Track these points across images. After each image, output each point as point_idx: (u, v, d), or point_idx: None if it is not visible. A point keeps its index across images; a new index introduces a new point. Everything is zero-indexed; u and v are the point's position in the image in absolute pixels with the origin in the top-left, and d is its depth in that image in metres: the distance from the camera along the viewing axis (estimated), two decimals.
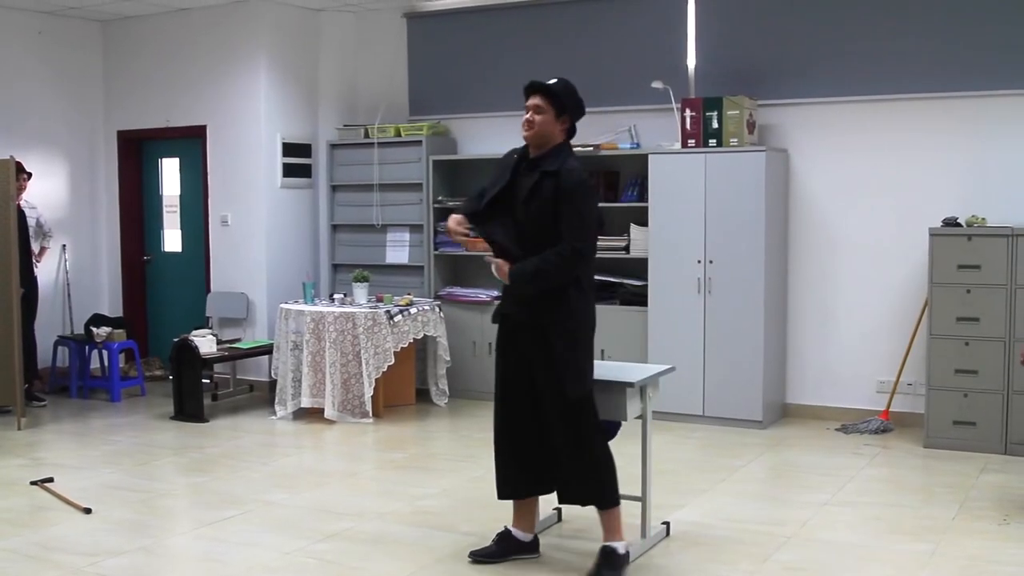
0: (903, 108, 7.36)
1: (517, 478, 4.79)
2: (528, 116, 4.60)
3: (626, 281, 7.86)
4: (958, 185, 7.20)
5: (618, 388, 4.72)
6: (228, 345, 8.57)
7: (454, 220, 4.72)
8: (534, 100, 4.60)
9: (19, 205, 8.26)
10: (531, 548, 4.88)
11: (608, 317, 7.18)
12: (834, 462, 6.57)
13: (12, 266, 7.57)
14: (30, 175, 8.43)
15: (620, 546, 4.64)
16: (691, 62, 7.91)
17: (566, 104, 4.60)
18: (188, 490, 6.18)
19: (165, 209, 9.85)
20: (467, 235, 4.75)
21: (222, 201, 9.13)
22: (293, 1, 8.83)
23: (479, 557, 4.80)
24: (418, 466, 6.67)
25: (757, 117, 7.59)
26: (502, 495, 4.84)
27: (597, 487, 4.62)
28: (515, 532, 4.86)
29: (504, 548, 4.83)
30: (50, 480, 6.17)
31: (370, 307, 7.96)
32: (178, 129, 9.35)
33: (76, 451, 7.12)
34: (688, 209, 7.48)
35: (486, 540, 4.90)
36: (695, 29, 7.89)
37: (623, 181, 8.04)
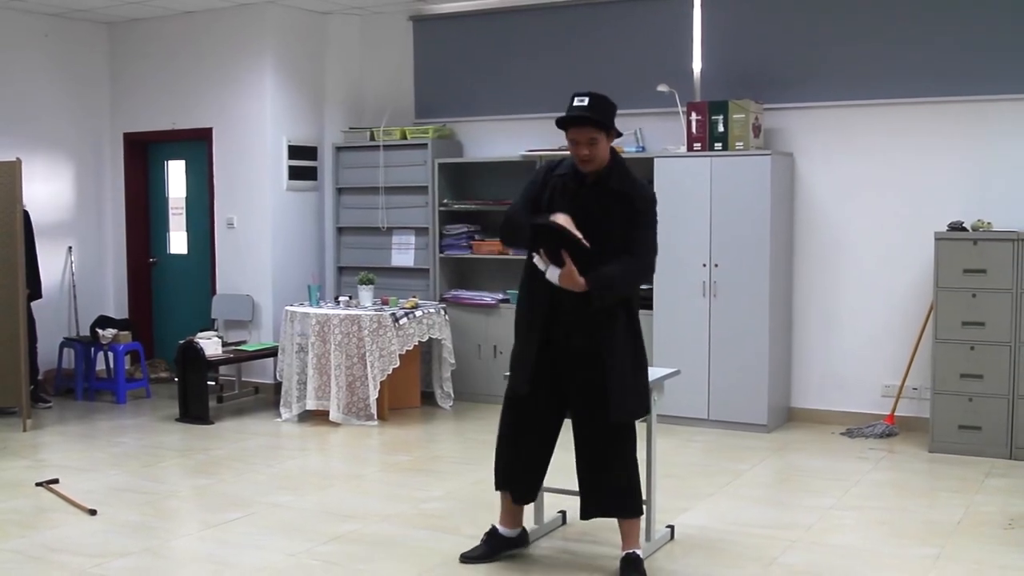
0: (909, 112, 7.36)
1: (521, 479, 4.81)
2: (584, 152, 4.44)
3: None
4: (964, 189, 7.20)
5: None
6: (233, 347, 8.58)
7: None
8: (584, 134, 4.43)
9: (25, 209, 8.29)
10: (519, 543, 4.92)
11: None
12: (839, 466, 6.57)
13: (18, 268, 7.59)
14: None
15: (640, 551, 4.67)
16: (697, 65, 7.91)
17: (611, 122, 4.49)
18: (193, 492, 6.19)
19: (171, 211, 9.87)
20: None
21: (228, 203, 9.15)
22: (299, 4, 8.84)
23: (469, 558, 4.83)
24: (422, 469, 6.67)
25: (763, 121, 7.59)
26: (501, 486, 4.86)
27: (631, 499, 4.64)
28: (501, 530, 4.90)
29: (493, 547, 4.86)
30: (55, 481, 6.18)
31: (375, 310, 7.97)
32: (184, 131, 9.36)
33: (81, 453, 7.13)
34: (693, 213, 7.47)
35: None
36: (701, 32, 7.89)
37: None
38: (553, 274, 4.38)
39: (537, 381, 4.64)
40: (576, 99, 4.49)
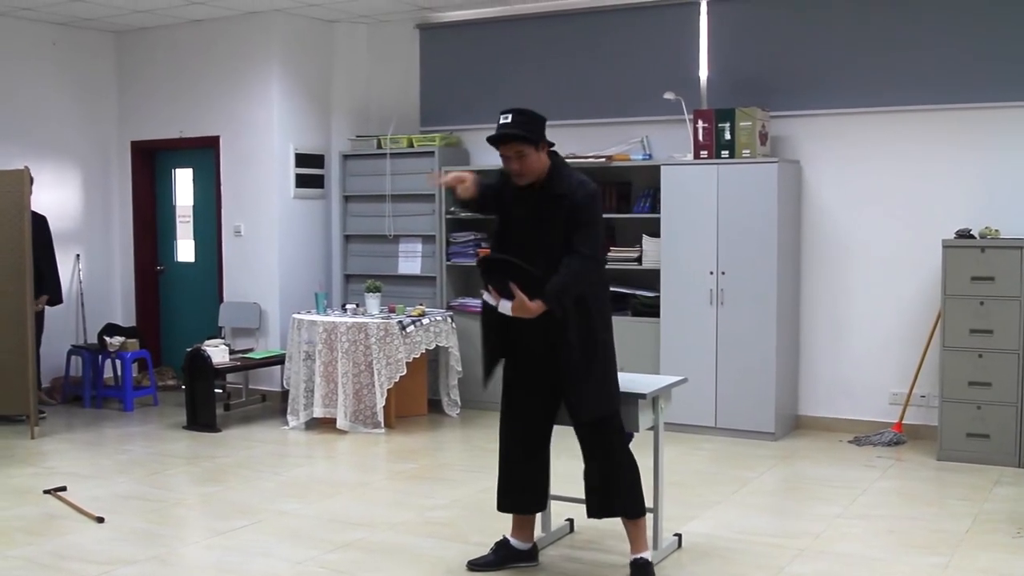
0: (916, 120, 7.35)
1: (520, 495, 4.83)
2: (514, 167, 4.54)
3: (638, 292, 7.85)
4: (971, 197, 7.19)
5: (630, 400, 4.71)
6: (241, 355, 8.59)
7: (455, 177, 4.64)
8: (510, 148, 4.53)
9: (42, 215, 8.31)
10: (529, 557, 4.90)
11: (620, 329, 7.14)
12: (847, 474, 6.55)
13: (26, 276, 7.60)
14: (32, 180, 8.34)
15: (648, 555, 4.67)
16: (703, 73, 7.91)
17: (538, 135, 4.55)
18: (200, 500, 6.19)
19: (178, 219, 9.89)
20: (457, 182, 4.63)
21: (235, 211, 9.16)
22: (306, 12, 8.86)
23: (476, 566, 4.84)
24: (429, 476, 6.67)
25: (769, 128, 7.59)
26: (502, 508, 4.88)
27: (627, 498, 4.64)
28: (512, 541, 4.89)
29: (501, 557, 4.86)
30: (63, 489, 6.19)
31: (382, 318, 7.97)
32: (191, 140, 9.39)
33: (89, 460, 7.13)
34: (700, 220, 7.47)
35: None
36: (707, 40, 7.89)
37: (635, 192, 8.03)
38: (505, 307, 4.50)
39: (520, 388, 4.71)
40: (502, 117, 4.58)
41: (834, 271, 7.67)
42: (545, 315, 4.44)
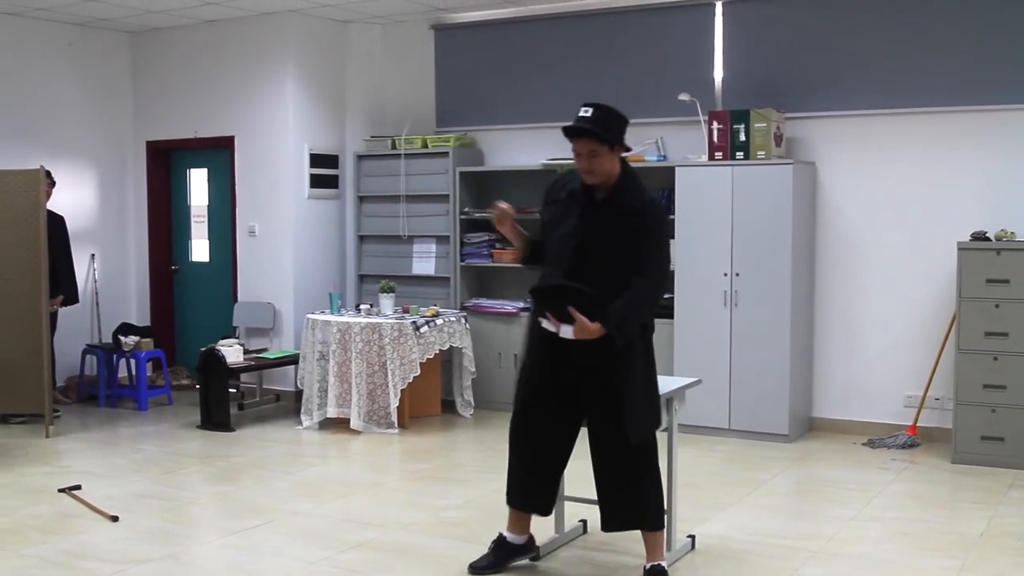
0: (932, 121, 7.33)
1: (534, 493, 4.78)
2: (582, 164, 4.41)
3: None
4: (987, 199, 7.16)
5: None
6: (255, 355, 8.61)
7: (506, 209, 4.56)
8: (584, 145, 4.39)
9: (60, 215, 8.34)
10: (527, 549, 4.88)
11: None
12: (861, 477, 6.53)
13: (42, 275, 7.63)
14: (54, 183, 8.42)
15: (665, 563, 4.66)
16: (718, 74, 7.90)
17: (614, 136, 4.42)
18: (214, 499, 6.21)
19: (193, 219, 9.92)
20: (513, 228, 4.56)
21: (250, 211, 9.19)
22: (321, 12, 8.88)
23: (476, 568, 4.81)
24: (443, 477, 6.68)
25: (784, 130, 7.57)
26: (513, 503, 4.84)
27: (650, 512, 4.61)
28: (509, 536, 4.86)
29: (501, 555, 4.84)
30: (77, 487, 6.22)
31: (396, 318, 7.98)
32: (206, 140, 9.41)
33: (103, 459, 7.16)
34: (715, 222, 7.46)
35: None
36: (722, 41, 7.89)
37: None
38: (567, 332, 4.39)
39: (546, 394, 4.64)
40: (582, 109, 4.43)
41: (848, 273, 7.65)
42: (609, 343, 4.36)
